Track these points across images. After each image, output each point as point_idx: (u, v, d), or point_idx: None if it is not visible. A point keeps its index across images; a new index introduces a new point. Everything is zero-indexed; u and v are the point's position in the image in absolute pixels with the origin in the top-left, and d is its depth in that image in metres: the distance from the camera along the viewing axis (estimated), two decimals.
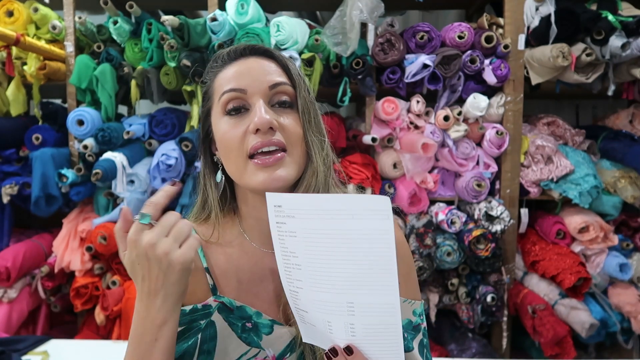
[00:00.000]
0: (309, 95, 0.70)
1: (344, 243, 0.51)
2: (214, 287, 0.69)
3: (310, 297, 0.56)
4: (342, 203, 0.50)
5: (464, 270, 1.97)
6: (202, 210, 0.74)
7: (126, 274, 1.99)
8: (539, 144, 1.97)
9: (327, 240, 0.52)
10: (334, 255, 0.52)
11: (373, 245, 0.49)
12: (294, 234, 0.54)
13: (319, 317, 0.56)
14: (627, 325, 1.89)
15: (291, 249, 0.55)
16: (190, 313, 0.66)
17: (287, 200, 0.54)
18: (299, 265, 0.55)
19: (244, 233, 0.72)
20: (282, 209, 0.54)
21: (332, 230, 0.51)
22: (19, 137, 2.05)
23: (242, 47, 0.69)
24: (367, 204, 0.49)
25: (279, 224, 0.55)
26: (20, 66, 2.01)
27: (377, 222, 0.48)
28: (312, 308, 0.56)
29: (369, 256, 0.50)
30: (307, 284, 0.55)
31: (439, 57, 1.87)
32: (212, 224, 0.72)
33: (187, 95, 2.01)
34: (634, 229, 2.05)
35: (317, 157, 0.66)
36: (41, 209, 1.91)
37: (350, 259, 0.51)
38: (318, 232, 0.52)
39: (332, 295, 0.54)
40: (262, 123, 0.62)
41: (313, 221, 0.52)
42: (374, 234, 0.49)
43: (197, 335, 0.66)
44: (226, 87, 0.66)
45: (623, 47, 1.77)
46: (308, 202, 0.52)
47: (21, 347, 1.55)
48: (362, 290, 0.52)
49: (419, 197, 1.99)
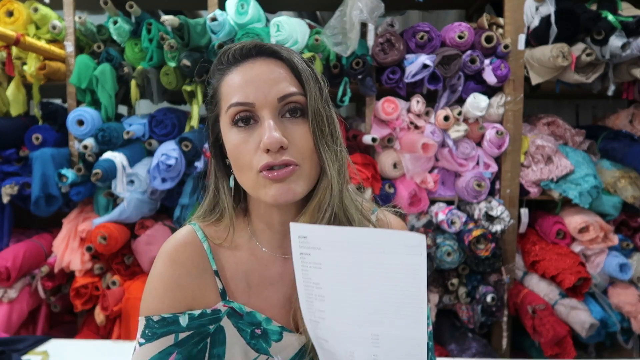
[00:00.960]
0: (321, 99, 0.65)
1: (373, 276, 0.50)
2: (223, 292, 0.68)
3: (333, 328, 0.55)
4: (375, 238, 0.49)
5: (464, 270, 1.97)
6: (212, 211, 0.72)
7: (126, 273, 1.99)
8: (539, 144, 1.97)
9: (355, 273, 0.51)
10: (362, 288, 0.51)
11: (404, 279, 0.49)
12: (319, 265, 0.53)
13: (341, 347, 0.55)
14: (627, 325, 1.89)
15: (315, 280, 0.54)
16: (199, 317, 0.65)
17: (313, 232, 0.52)
18: (322, 297, 0.54)
19: (253, 237, 0.71)
20: (308, 240, 0.53)
21: (362, 263, 0.50)
22: (19, 137, 2.05)
23: (248, 48, 0.65)
24: (401, 240, 0.48)
25: (303, 254, 0.54)
26: (20, 66, 2.01)
27: (410, 258, 0.48)
28: (334, 338, 0.56)
29: (399, 290, 0.50)
30: (330, 315, 0.54)
31: (439, 57, 1.87)
32: (224, 226, 0.70)
33: (187, 95, 2.01)
34: (634, 229, 2.05)
35: (330, 169, 0.64)
36: (41, 209, 1.91)
37: (378, 292, 0.51)
38: (346, 264, 0.51)
39: (356, 327, 0.53)
40: (272, 143, 0.59)
41: (341, 254, 0.51)
42: (406, 269, 0.48)
43: (206, 340, 0.65)
44: (233, 99, 0.63)
45: (623, 47, 1.77)
46: (337, 235, 0.51)
47: (21, 347, 1.55)
48: (389, 323, 0.51)
49: (419, 197, 1.99)
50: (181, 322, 0.64)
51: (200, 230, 0.71)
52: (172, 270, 0.66)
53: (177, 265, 0.67)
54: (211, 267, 0.68)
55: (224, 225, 0.70)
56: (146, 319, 0.64)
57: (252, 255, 0.70)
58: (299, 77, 0.64)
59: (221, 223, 0.71)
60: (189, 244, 0.69)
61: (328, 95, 0.68)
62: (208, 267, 0.68)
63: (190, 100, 2.03)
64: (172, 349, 0.63)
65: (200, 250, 0.69)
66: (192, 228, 0.71)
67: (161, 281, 0.66)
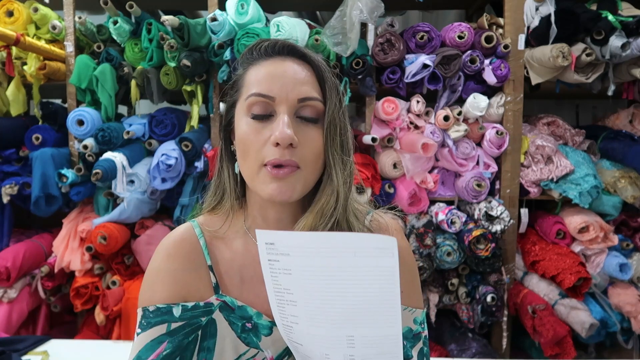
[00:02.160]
0: (340, 110, 0.67)
1: (345, 280, 0.50)
2: (216, 286, 0.69)
3: (306, 332, 0.54)
4: (344, 241, 0.48)
5: (464, 270, 1.97)
6: (214, 194, 0.74)
7: (126, 273, 1.99)
8: (539, 144, 1.97)
9: (327, 277, 0.50)
10: (334, 291, 0.51)
11: (376, 281, 0.48)
12: (288, 271, 0.52)
13: (316, 350, 0.55)
14: (627, 325, 1.89)
15: (285, 286, 0.53)
16: (192, 309, 0.67)
17: (280, 238, 0.51)
18: (294, 302, 0.53)
19: (248, 233, 0.72)
20: (275, 247, 0.52)
21: (332, 267, 0.49)
22: (19, 137, 2.05)
23: (280, 45, 0.67)
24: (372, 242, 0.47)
25: (272, 261, 0.53)
26: (20, 66, 2.01)
27: (382, 260, 0.47)
28: (308, 341, 0.55)
29: (372, 292, 0.49)
30: (303, 320, 0.54)
31: (439, 57, 1.87)
32: (222, 214, 0.72)
33: (187, 95, 2.01)
34: (634, 229, 2.05)
35: (337, 176, 0.65)
36: (41, 209, 1.91)
37: (351, 295, 0.50)
38: (316, 269, 0.50)
39: (330, 329, 0.52)
40: (283, 138, 0.60)
41: (311, 259, 0.50)
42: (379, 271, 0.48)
43: (197, 331, 0.67)
44: (255, 89, 0.64)
45: (623, 47, 1.77)
46: (305, 240, 0.50)
47: (21, 347, 1.55)
48: (363, 324, 0.51)
49: (419, 197, 1.99)
50: (174, 312, 0.66)
51: (197, 227, 0.73)
52: (169, 264, 0.69)
53: (174, 260, 0.69)
54: (206, 262, 0.70)
55: (223, 211, 0.72)
56: (143, 310, 0.66)
57: (246, 250, 0.71)
58: (323, 84, 0.66)
59: (220, 210, 0.73)
60: (185, 239, 0.71)
61: (346, 108, 0.70)
62: (203, 262, 0.70)
63: (190, 100, 2.03)
64: (163, 338, 0.64)
65: (196, 245, 0.71)
66: (190, 225, 0.73)
67: (158, 274, 0.68)
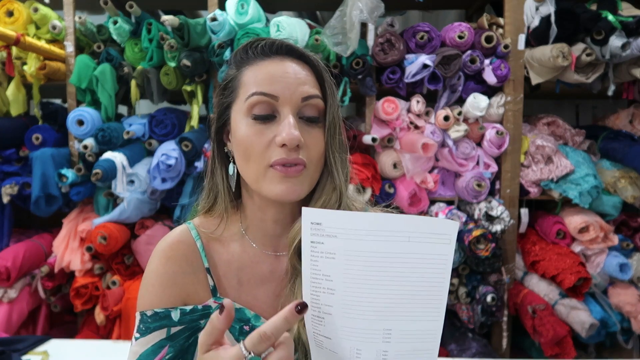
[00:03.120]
0: (338, 109, 0.68)
1: (394, 267, 0.46)
2: (214, 288, 0.69)
3: (339, 324, 0.51)
4: (400, 224, 0.45)
5: (464, 270, 1.97)
6: (207, 197, 0.73)
7: (126, 273, 1.99)
8: (539, 144, 1.97)
9: (374, 264, 0.47)
10: (379, 279, 0.47)
11: (428, 270, 0.46)
12: (332, 255, 0.48)
13: (346, 345, 0.51)
14: (627, 325, 1.89)
15: (325, 271, 0.49)
16: (190, 313, 0.67)
17: (329, 217, 0.48)
18: (332, 290, 0.50)
19: (245, 234, 0.72)
20: (322, 227, 0.48)
21: (382, 252, 0.46)
22: (19, 137, 2.05)
23: (278, 45, 0.66)
24: (432, 227, 0.45)
25: (315, 243, 0.49)
26: (20, 66, 2.01)
27: (438, 247, 0.45)
28: (339, 335, 0.51)
29: (421, 282, 0.46)
30: (338, 310, 0.50)
31: (439, 57, 1.87)
32: (217, 216, 0.72)
33: (187, 95, 2.01)
34: (634, 229, 2.05)
35: (339, 173, 0.66)
36: (41, 209, 1.91)
37: (398, 284, 0.47)
38: (363, 254, 0.47)
39: (368, 322, 0.49)
40: (291, 140, 0.60)
41: (359, 242, 0.47)
42: (432, 259, 0.45)
43: (196, 334, 0.67)
44: (257, 88, 0.62)
45: (623, 47, 1.77)
46: (357, 221, 0.47)
47: (21, 347, 1.55)
48: (405, 317, 0.48)
49: (419, 197, 1.99)
50: (173, 316, 0.66)
51: (194, 228, 0.72)
52: (166, 267, 0.68)
53: (171, 263, 0.68)
54: (203, 264, 0.70)
55: (217, 213, 0.72)
56: (141, 314, 0.66)
57: (243, 252, 0.71)
58: (322, 83, 0.67)
59: (214, 212, 0.72)
60: (182, 242, 0.70)
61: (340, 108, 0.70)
62: (200, 264, 0.70)
63: (190, 100, 2.03)
64: (164, 342, 0.65)
65: (194, 248, 0.70)
66: (186, 227, 0.73)
67: (156, 278, 0.68)
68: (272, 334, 0.46)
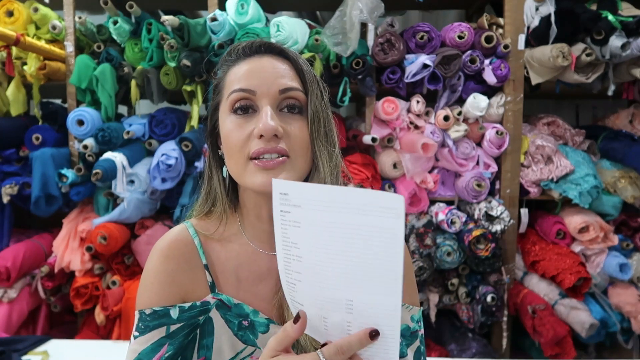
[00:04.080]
0: (322, 102, 0.68)
1: (350, 238, 0.49)
2: (212, 285, 0.70)
3: (308, 291, 0.54)
4: (354, 197, 0.48)
5: (464, 270, 1.97)
6: (205, 202, 0.74)
7: (126, 273, 1.99)
8: (539, 144, 1.97)
9: (332, 234, 0.50)
10: (338, 250, 0.50)
11: (380, 243, 0.47)
12: (298, 224, 0.52)
13: (315, 312, 0.54)
14: (627, 325, 1.89)
15: (293, 239, 0.53)
16: (189, 310, 0.67)
17: (294, 189, 0.51)
18: (299, 257, 0.53)
19: (243, 233, 0.73)
20: (289, 197, 0.51)
21: (339, 224, 0.49)
22: (19, 137, 2.05)
23: (257, 44, 0.68)
24: (380, 200, 0.46)
25: (283, 212, 0.52)
26: (20, 66, 2.01)
27: (388, 220, 0.46)
28: (309, 302, 0.55)
29: (375, 254, 0.48)
30: (305, 277, 0.53)
31: (439, 57, 1.87)
32: (215, 218, 0.72)
33: (187, 95, 2.01)
34: (634, 229, 2.05)
35: (324, 167, 0.66)
36: (41, 209, 1.91)
37: (354, 256, 0.49)
38: (324, 224, 0.50)
39: (331, 291, 0.52)
40: (267, 130, 0.61)
41: (320, 213, 0.49)
42: (383, 233, 0.47)
43: (195, 331, 0.67)
44: (236, 85, 0.65)
45: (623, 47, 1.77)
46: (317, 192, 0.50)
47: (21, 347, 1.55)
48: (363, 289, 0.50)
49: (419, 197, 1.99)
50: (172, 314, 0.66)
51: (191, 227, 0.73)
52: (165, 265, 0.69)
53: (170, 261, 0.69)
54: (201, 261, 0.70)
55: (216, 216, 0.72)
56: (140, 313, 0.67)
57: (241, 250, 0.72)
58: (303, 77, 0.67)
59: (213, 214, 0.73)
60: (180, 240, 0.71)
61: (328, 101, 0.71)
62: (199, 261, 0.70)
63: (190, 100, 2.03)
64: (163, 341, 0.65)
65: (192, 246, 0.71)
66: (184, 226, 0.73)
67: (155, 276, 0.68)
68: (347, 349, 0.50)
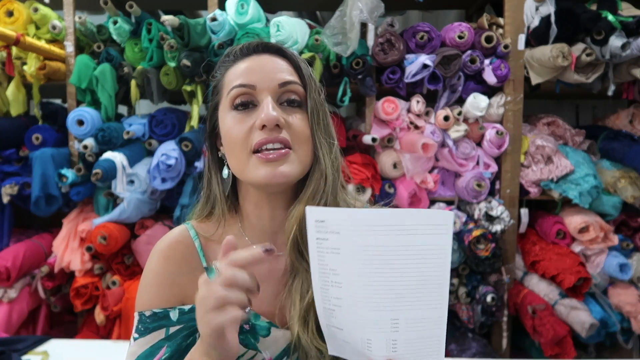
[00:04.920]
0: (319, 97, 0.69)
1: (395, 259, 0.48)
2: None
3: (349, 316, 0.53)
4: (398, 218, 0.47)
5: (464, 270, 1.97)
6: (205, 205, 0.74)
7: (126, 273, 1.99)
8: (539, 144, 1.97)
9: (376, 257, 0.49)
10: (382, 272, 0.49)
11: (428, 260, 0.48)
12: (337, 250, 0.51)
13: (357, 335, 0.53)
14: (627, 325, 1.89)
15: (332, 266, 0.52)
16: (189, 312, 0.67)
17: (331, 215, 0.50)
18: (339, 283, 0.52)
19: (243, 234, 0.72)
20: (326, 225, 0.51)
21: (383, 246, 0.48)
22: (19, 137, 2.05)
23: (255, 44, 0.69)
24: (426, 218, 0.47)
25: (320, 239, 0.51)
26: (20, 66, 2.01)
27: (436, 238, 0.47)
28: (350, 326, 0.53)
29: (422, 272, 0.48)
30: (346, 302, 0.52)
31: (439, 57, 1.87)
32: (215, 220, 0.72)
33: (187, 95, 2.01)
34: (634, 229, 2.05)
35: (325, 158, 0.66)
36: (41, 209, 1.91)
37: (400, 275, 0.49)
38: (366, 248, 0.49)
39: (375, 313, 0.51)
40: (269, 119, 0.61)
41: (361, 237, 0.49)
42: (432, 250, 0.47)
43: (195, 334, 0.67)
44: (235, 82, 0.66)
45: (623, 47, 1.77)
46: (357, 217, 0.49)
47: (21, 347, 1.55)
48: (410, 306, 0.50)
49: (419, 197, 1.99)
50: (171, 316, 0.66)
51: (192, 229, 0.73)
52: (165, 267, 0.69)
53: (170, 263, 0.69)
54: (202, 264, 0.70)
55: (216, 218, 0.72)
56: (139, 314, 0.66)
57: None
58: (301, 72, 0.68)
59: (213, 216, 0.73)
60: (180, 242, 0.71)
61: (325, 99, 0.72)
62: (199, 264, 0.70)
63: (190, 100, 2.03)
64: (162, 343, 0.65)
65: (192, 248, 0.71)
66: (184, 227, 0.73)
67: (154, 278, 0.68)
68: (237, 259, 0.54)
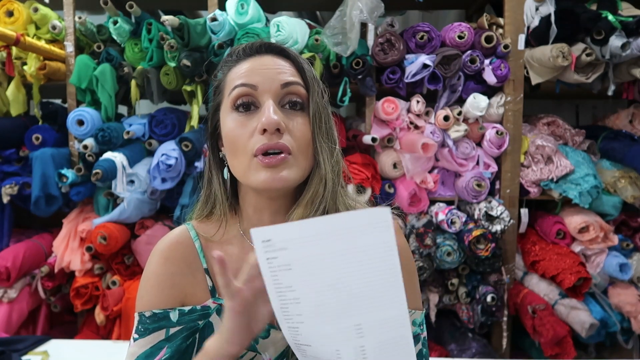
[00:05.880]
0: (322, 99, 0.68)
1: (345, 263, 0.48)
2: (213, 289, 0.69)
3: (313, 331, 0.52)
4: (339, 222, 0.46)
5: (464, 270, 1.97)
6: (204, 205, 0.73)
7: (126, 273, 1.99)
8: (539, 144, 1.97)
9: (327, 265, 0.48)
10: (336, 278, 0.48)
11: (376, 259, 0.47)
12: (288, 266, 0.50)
13: (326, 349, 0.52)
14: (627, 325, 1.89)
15: (286, 283, 0.51)
16: (189, 313, 0.66)
17: (276, 232, 0.49)
18: (297, 299, 0.51)
19: (244, 236, 0.72)
20: (272, 243, 0.49)
21: (331, 253, 0.47)
22: (19, 137, 2.05)
23: (258, 44, 0.68)
24: (366, 218, 0.46)
25: (270, 259, 0.50)
26: (20, 66, 2.01)
27: (378, 235, 0.46)
28: (317, 340, 0.53)
29: (373, 272, 0.47)
30: (308, 317, 0.51)
31: (439, 57, 1.87)
32: (215, 221, 0.72)
33: (187, 95, 2.01)
34: (634, 229, 2.05)
35: (325, 163, 0.65)
36: (41, 209, 1.91)
37: (353, 279, 0.48)
38: (316, 258, 0.48)
39: (337, 322, 0.50)
40: (270, 124, 0.61)
41: (308, 249, 0.48)
42: (376, 248, 0.46)
43: (195, 335, 0.67)
44: (237, 82, 0.65)
45: (623, 47, 1.77)
46: (300, 229, 0.48)
47: (21, 347, 1.55)
48: (369, 309, 0.49)
49: (419, 197, 1.99)
50: (172, 317, 0.66)
51: (192, 229, 0.72)
52: (165, 268, 0.68)
53: (170, 263, 0.68)
54: (202, 265, 0.70)
55: (216, 218, 0.72)
56: (139, 315, 0.66)
57: (243, 254, 0.71)
58: (304, 74, 0.67)
59: (213, 217, 0.72)
60: (181, 242, 0.70)
61: (328, 101, 0.71)
62: (199, 265, 0.70)
63: (190, 100, 2.03)
64: (162, 344, 0.64)
65: (192, 249, 0.70)
66: (185, 227, 0.73)
67: (155, 278, 0.68)
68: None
